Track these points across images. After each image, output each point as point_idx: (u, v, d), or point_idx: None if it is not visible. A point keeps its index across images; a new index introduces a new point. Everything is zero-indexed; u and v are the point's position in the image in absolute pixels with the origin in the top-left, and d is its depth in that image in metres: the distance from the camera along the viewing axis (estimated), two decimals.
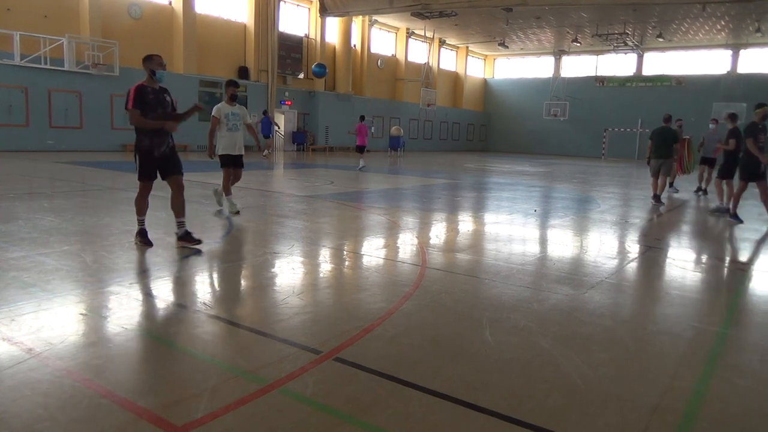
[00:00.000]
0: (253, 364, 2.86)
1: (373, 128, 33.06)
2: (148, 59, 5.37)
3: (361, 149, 17.79)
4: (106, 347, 3.04)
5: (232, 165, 7.68)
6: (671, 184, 12.57)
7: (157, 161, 5.39)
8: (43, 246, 5.26)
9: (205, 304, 3.80)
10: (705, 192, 13.11)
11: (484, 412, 2.46)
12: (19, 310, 3.50)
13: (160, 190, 9.59)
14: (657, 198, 10.86)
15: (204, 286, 4.31)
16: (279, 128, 26.17)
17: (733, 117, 10.37)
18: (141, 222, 5.51)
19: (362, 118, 18.84)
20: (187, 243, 5.45)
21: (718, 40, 33.11)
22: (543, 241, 7.06)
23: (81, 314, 3.53)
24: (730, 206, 9.12)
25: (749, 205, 11.45)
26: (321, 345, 3.13)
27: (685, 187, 14.22)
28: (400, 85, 35.34)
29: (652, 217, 9.49)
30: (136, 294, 3.91)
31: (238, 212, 7.49)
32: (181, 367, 2.82)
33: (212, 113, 7.45)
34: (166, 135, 5.41)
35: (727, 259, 6.39)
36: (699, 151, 13.22)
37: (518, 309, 3.95)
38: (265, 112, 24.27)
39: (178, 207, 5.61)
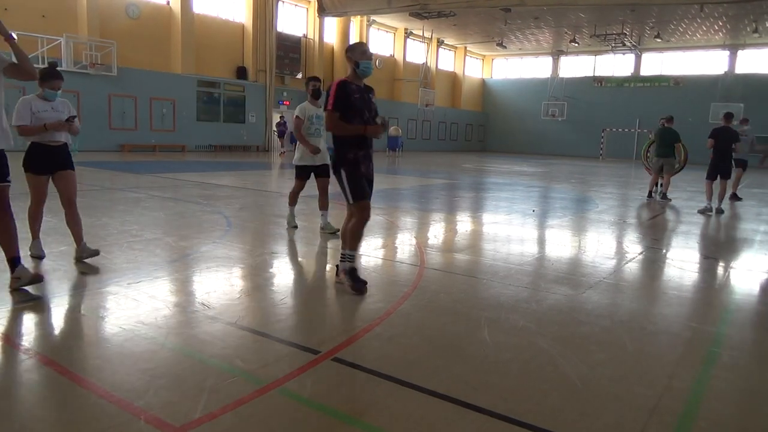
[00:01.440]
0: (251, 364, 2.85)
1: None
2: (351, 49, 4.30)
3: None
4: (104, 347, 3.03)
5: (308, 176, 6.60)
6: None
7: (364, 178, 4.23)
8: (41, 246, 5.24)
9: (203, 304, 3.79)
10: (738, 197, 12.12)
11: (483, 412, 2.46)
12: (17, 310, 3.49)
13: (158, 190, 9.48)
14: (651, 195, 11.40)
15: (202, 286, 4.30)
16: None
17: (728, 116, 10.57)
18: (351, 257, 4.23)
19: None
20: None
21: (716, 41, 33.17)
22: (541, 242, 7.06)
23: (79, 314, 3.52)
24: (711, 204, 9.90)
25: (747, 206, 11.47)
26: (319, 345, 3.13)
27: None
28: (399, 85, 35.35)
29: (650, 217, 9.50)
30: (133, 294, 3.91)
31: (296, 226, 6.67)
32: (179, 367, 2.81)
33: (296, 113, 6.39)
34: (371, 146, 4.34)
35: (725, 259, 6.39)
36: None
37: (517, 309, 3.95)
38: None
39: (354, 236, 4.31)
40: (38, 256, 4.79)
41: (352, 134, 4.16)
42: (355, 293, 4.05)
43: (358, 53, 4.25)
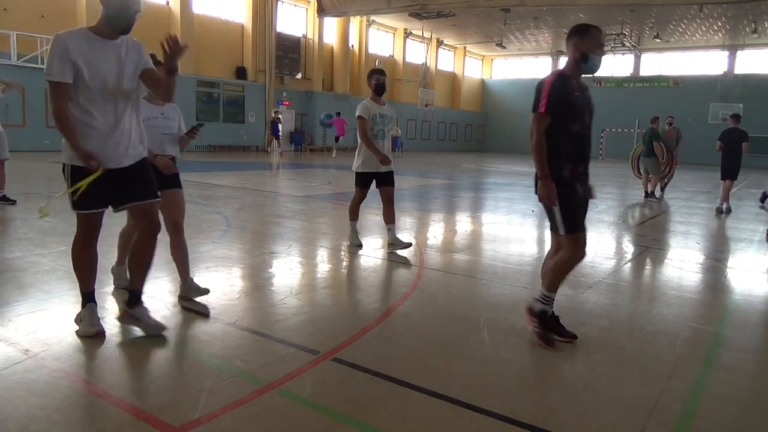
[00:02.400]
0: (250, 364, 2.86)
1: None
2: (579, 32, 3.33)
3: (337, 139, 23.04)
4: (103, 348, 3.03)
5: (369, 185, 5.75)
6: (662, 188, 12.33)
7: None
8: (40, 246, 5.24)
9: (202, 304, 3.79)
10: None
11: (482, 412, 2.46)
12: (16, 310, 3.49)
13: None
14: (647, 195, 11.58)
15: (201, 286, 4.30)
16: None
17: (735, 118, 10.57)
18: (548, 300, 3.34)
19: (338, 113, 23.90)
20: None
21: (715, 41, 33.20)
22: (541, 242, 7.07)
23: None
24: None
25: (747, 206, 11.48)
26: (319, 345, 3.13)
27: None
28: (398, 85, 35.33)
29: (650, 217, 9.51)
30: None
31: (360, 245, 5.83)
32: (178, 367, 2.81)
33: (357, 112, 5.54)
34: (589, 160, 3.36)
35: (724, 259, 6.40)
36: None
37: (516, 309, 3.95)
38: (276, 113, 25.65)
39: None
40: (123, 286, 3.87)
41: (569, 147, 3.20)
42: (542, 344, 3.22)
43: (591, 42, 3.23)
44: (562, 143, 3.21)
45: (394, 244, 5.69)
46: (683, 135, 12.89)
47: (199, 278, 4.51)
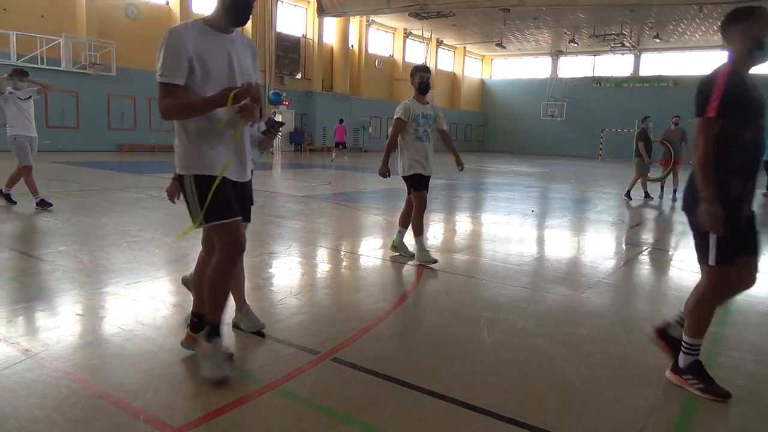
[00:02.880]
0: (250, 364, 2.86)
1: (371, 129, 33.12)
2: (746, 15, 2.59)
3: (338, 145, 22.76)
4: (103, 348, 3.03)
5: (426, 186, 5.34)
6: (662, 189, 12.10)
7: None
8: (40, 246, 5.24)
9: None
10: None
11: (482, 412, 2.46)
12: (16, 310, 3.49)
13: (157, 190, 9.50)
14: (647, 195, 11.60)
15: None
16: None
17: None
18: (695, 349, 2.78)
19: (341, 120, 23.78)
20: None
21: (715, 41, 33.19)
22: (540, 242, 7.07)
23: (78, 315, 3.52)
24: None
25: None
26: (319, 345, 3.13)
27: None
28: (398, 85, 35.32)
29: (649, 217, 9.51)
30: (133, 295, 3.91)
31: (435, 260, 5.17)
32: (178, 367, 2.81)
33: (396, 114, 5.13)
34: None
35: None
36: None
37: (516, 309, 3.96)
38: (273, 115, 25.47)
39: None
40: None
41: (741, 158, 2.58)
42: (715, 398, 2.65)
43: (762, 23, 2.56)
44: (733, 154, 2.56)
45: (398, 247, 5.44)
46: (689, 136, 12.40)
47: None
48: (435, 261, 5.13)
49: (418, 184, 5.22)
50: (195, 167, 2.60)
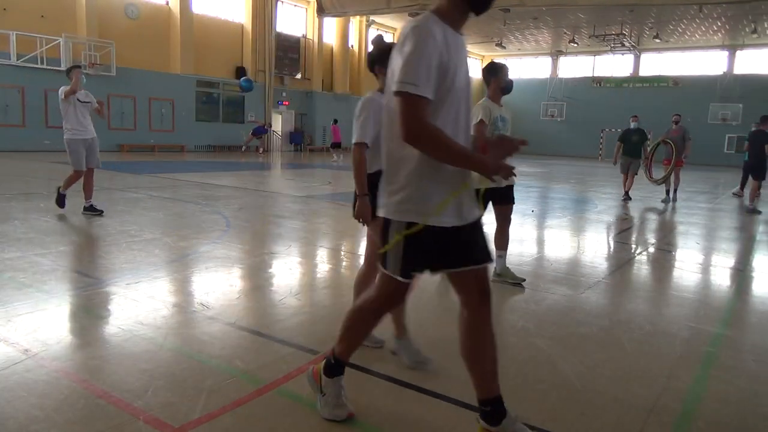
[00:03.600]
0: (250, 364, 2.86)
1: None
2: None
3: (336, 145, 22.35)
4: (103, 348, 3.03)
5: (498, 202, 4.74)
6: (667, 192, 11.76)
7: None
8: (40, 246, 5.24)
9: (202, 304, 3.79)
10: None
11: None
12: (16, 310, 3.49)
13: (157, 190, 9.49)
14: (627, 195, 11.29)
15: (201, 286, 4.30)
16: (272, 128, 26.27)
17: (764, 120, 11.06)
18: None
19: (335, 121, 23.13)
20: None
21: (715, 41, 33.21)
22: (540, 242, 7.07)
23: (77, 315, 3.52)
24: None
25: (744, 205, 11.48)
26: (318, 345, 3.13)
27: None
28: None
29: (650, 217, 9.51)
30: (132, 294, 3.91)
31: (524, 279, 4.65)
32: (178, 367, 2.81)
33: (479, 115, 4.40)
34: None
35: (724, 259, 6.40)
36: None
37: (515, 309, 3.96)
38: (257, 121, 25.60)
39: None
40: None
41: None
42: None
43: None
44: None
45: (502, 275, 4.73)
46: (691, 135, 12.03)
47: (199, 278, 4.51)
48: (523, 280, 4.57)
49: (498, 197, 4.64)
50: (422, 214, 2.06)
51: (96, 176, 7.43)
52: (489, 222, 3.48)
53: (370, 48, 3.21)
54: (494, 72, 4.51)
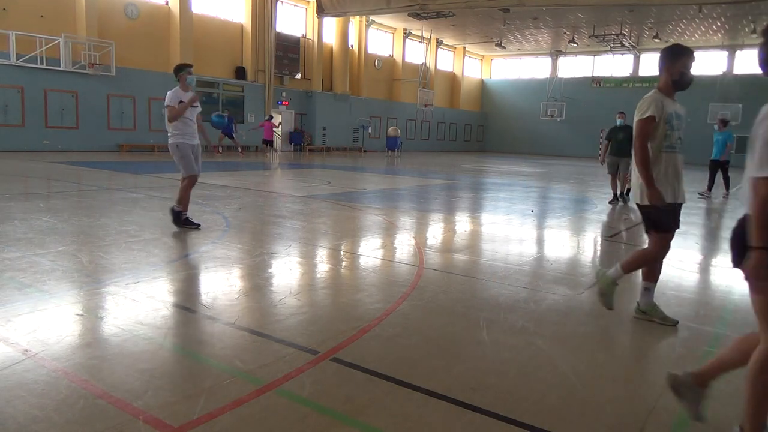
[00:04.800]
0: (250, 364, 2.85)
1: (370, 129, 33.13)
2: None
3: (267, 143, 21.67)
4: (103, 348, 3.03)
5: (675, 225, 3.85)
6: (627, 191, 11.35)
7: None
8: (39, 246, 5.24)
9: (202, 304, 3.79)
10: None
11: (481, 412, 2.46)
12: (15, 310, 3.49)
13: (156, 190, 9.47)
14: (615, 197, 10.79)
15: (200, 286, 4.30)
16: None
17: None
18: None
19: (271, 117, 22.56)
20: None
21: (714, 41, 33.22)
22: (540, 242, 7.07)
23: (77, 315, 3.52)
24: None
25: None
26: (318, 345, 3.13)
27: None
28: (398, 85, 35.34)
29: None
30: (132, 294, 3.90)
31: (677, 321, 3.74)
32: (177, 367, 2.81)
33: (647, 111, 3.53)
34: None
35: (724, 259, 6.40)
36: None
37: (515, 309, 3.96)
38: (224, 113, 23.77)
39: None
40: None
41: None
42: None
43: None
44: None
45: (649, 312, 3.81)
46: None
47: (197, 278, 4.51)
48: (676, 322, 3.72)
49: (660, 222, 3.75)
50: None
51: (95, 176, 7.42)
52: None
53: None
54: (669, 56, 3.56)
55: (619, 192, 10.82)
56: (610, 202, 10.71)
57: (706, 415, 2.35)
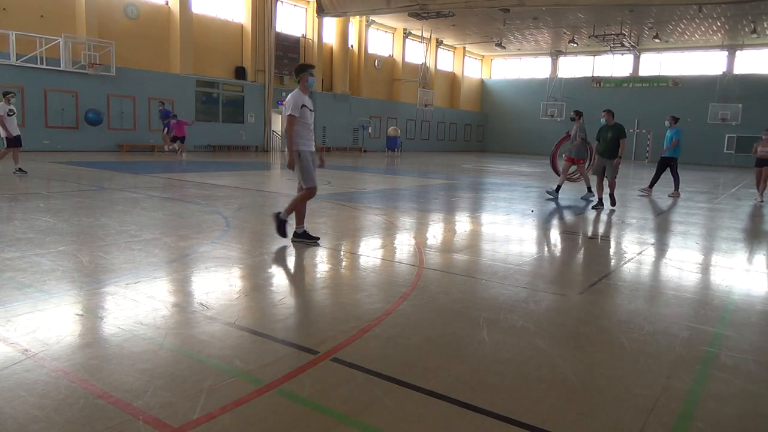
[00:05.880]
0: (250, 364, 2.85)
1: (370, 129, 33.14)
2: None
3: (175, 139, 19.00)
4: (103, 348, 3.03)
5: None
6: (590, 189, 11.17)
7: None
8: (39, 246, 5.24)
9: (201, 304, 3.79)
10: None
11: (481, 412, 2.46)
12: (15, 310, 3.49)
13: (156, 190, 9.48)
14: (601, 202, 9.93)
15: (200, 286, 4.30)
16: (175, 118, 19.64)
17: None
18: None
19: (174, 116, 19.67)
20: None
21: (714, 41, 33.23)
22: (540, 242, 7.07)
23: (77, 315, 3.52)
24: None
25: (746, 206, 11.48)
26: (318, 345, 3.13)
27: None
28: (398, 85, 35.34)
29: (649, 217, 9.51)
30: (132, 294, 3.90)
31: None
32: (177, 367, 2.81)
33: None
34: None
35: (724, 259, 6.40)
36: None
37: (515, 309, 3.96)
38: (163, 103, 21.18)
39: None
40: None
41: None
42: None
43: None
44: None
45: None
46: (583, 134, 11.53)
47: (199, 278, 4.51)
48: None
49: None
50: None
51: (96, 176, 7.42)
52: None
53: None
54: None
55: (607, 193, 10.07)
56: (594, 207, 9.83)
57: None
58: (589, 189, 11.21)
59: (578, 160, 11.49)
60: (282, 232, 5.86)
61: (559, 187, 11.38)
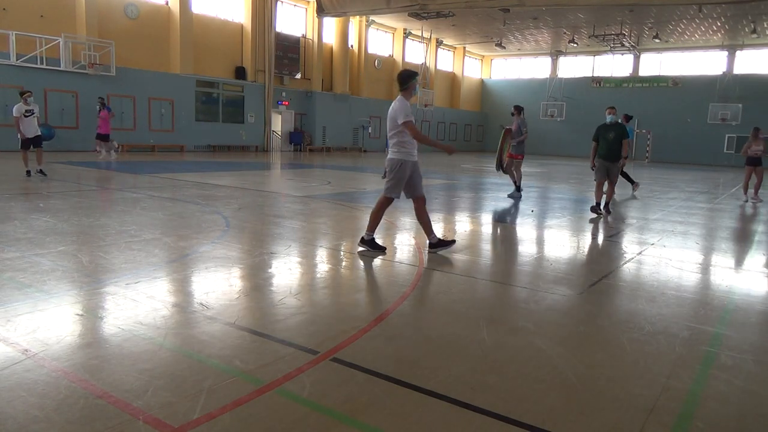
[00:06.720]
0: (250, 364, 2.85)
1: (370, 129, 33.15)
2: None
3: (103, 137, 17.18)
4: (103, 348, 3.03)
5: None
6: (519, 188, 11.23)
7: None
8: (39, 246, 5.24)
9: (201, 304, 3.79)
10: None
11: (481, 412, 2.46)
12: (15, 310, 3.49)
13: (156, 190, 9.51)
14: (598, 207, 9.00)
15: (200, 286, 4.30)
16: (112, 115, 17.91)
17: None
18: None
19: (109, 109, 17.65)
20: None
21: (714, 41, 33.23)
22: (540, 242, 7.07)
23: (77, 315, 3.52)
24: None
25: (746, 206, 11.47)
26: (318, 345, 3.13)
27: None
28: (398, 85, 35.31)
29: (649, 217, 9.50)
30: (132, 294, 3.90)
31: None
32: (177, 367, 2.81)
33: None
34: None
35: (724, 259, 6.40)
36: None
37: (515, 309, 3.96)
38: (102, 101, 17.92)
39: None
40: None
41: None
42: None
43: None
44: None
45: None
46: (526, 129, 11.65)
47: (199, 278, 4.51)
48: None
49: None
50: None
51: (96, 176, 7.42)
52: None
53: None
54: None
55: (603, 203, 9.11)
56: (593, 210, 8.98)
57: None
58: (518, 188, 11.37)
59: (517, 156, 11.57)
60: (376, 248, 5.60)
61: (516, 184, 11.42)
